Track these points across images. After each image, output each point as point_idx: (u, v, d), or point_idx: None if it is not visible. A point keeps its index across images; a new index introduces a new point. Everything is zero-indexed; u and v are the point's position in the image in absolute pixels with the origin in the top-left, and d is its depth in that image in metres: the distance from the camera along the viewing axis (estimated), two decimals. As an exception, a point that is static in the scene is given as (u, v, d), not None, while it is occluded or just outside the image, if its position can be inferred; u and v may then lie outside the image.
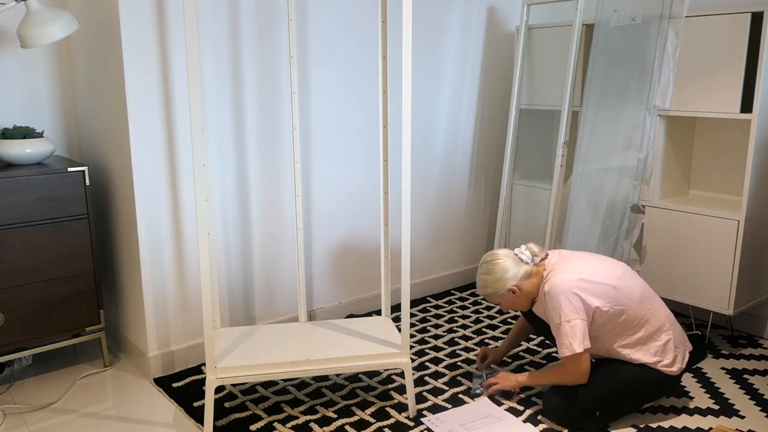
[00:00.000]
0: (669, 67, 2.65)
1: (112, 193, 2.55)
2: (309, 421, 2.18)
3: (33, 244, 2.31)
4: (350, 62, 2.83)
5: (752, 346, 2.80)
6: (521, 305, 2.21)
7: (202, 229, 1.92)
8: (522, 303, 2.20)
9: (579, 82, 3.00)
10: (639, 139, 2.75)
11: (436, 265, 3.43)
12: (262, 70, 2.57)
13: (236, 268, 2.66)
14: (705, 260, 2.64)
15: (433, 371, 2.56)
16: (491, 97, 3.45)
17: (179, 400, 2.32)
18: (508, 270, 2.14)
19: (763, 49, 2.39)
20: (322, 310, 2.97)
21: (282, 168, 2.70)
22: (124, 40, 2.22)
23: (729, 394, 2.38)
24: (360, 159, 2.95)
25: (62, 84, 2.67)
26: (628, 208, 2.82)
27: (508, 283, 2.14)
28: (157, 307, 2.46)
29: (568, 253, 2.21)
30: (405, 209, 2.05)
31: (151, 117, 2.33)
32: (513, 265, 2.15)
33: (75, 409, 2.27)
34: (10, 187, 2.23)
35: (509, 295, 2.17)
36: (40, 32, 2.19)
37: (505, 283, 2.14)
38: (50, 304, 2.38)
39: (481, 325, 3.02)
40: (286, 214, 2.75)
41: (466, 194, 3.47)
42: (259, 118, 2.60)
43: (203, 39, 2.39)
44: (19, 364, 2.59)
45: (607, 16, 2.84)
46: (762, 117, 2.48)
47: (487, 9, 3.32)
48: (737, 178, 2.86)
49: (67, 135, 2.72)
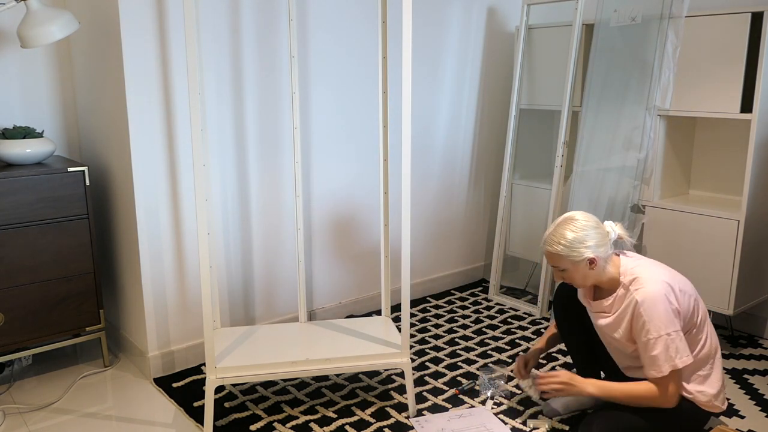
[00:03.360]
0: (669, 67, 2.65)
1: (112, 193, 2.55)
2: (309, 421, 2.18)
3: (33, 244, 2.31)
4: (350, 62, 2.83)
5: (752, 346, 2.80)
6: (586, 282, 1.95)
7: (202, 229, 1.92)
8: (588, 280, 1.95)
9: (579, 82, 3.00)
10: (639, 139, 2.75)
11: (436, 265, 3.43)
12: (262, 70, 2.57)
13: (236, 268, 2.66)
14: (705, 260, 2.64)
15: (433, 371, 2.55)
16: (491, 97, 3.45)
17: (179, 400, 2.32)
18: (595, 237, 1.89)
19: (763, 49, 2.39)
20: (322, 310, 2.97)
21: (282, 168, 2.70)
22: (124, 40, 2.22)
23: (729, 394, 2.38)
24: (360, 159, 2.95)
25: (62, 84, 2.66)
26: (628, 208, 2.82)
27: (591, 252, 1.88)
28: (157, 307, 2.46)
29: (641, 258, 2.00)
30: (405, 209, 2.05)
31: (151, 117, 2.33)
32: (601, 236, 1.90)
33: (75, 409, 2.27)
34: (10, 187, 2.23)
35: (584, 266, 1.90)
36: (40, 32, 2.19)
37: (587, 249, 1.88)
38: (50, 304, 2.38)
39: (481, 325, 3.02)
40: (286, 214, 2.75)
41: (466, 194, 3.47)
42: (260, 118, 2.60)
43: (203, 39, 2.39)
44: (19, 364, 2.59)
45: (607, 16, 2.84)
46: (762, 117, 2.48)
47: (487, 9, 3.32)
48: (737, 178, 2.86)
49: (67, 135, 2.72)
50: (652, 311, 1.84)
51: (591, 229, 1.90)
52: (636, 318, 1.88)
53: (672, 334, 1.83)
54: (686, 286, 1.93)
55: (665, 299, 1.84)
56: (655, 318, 1.84)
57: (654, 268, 1.93)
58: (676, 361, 1.83)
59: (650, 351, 1.85)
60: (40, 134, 2.40)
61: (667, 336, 1.83)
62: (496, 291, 3.38)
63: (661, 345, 1.83)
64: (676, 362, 1.83)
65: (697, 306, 1.93)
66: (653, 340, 1.84)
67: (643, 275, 1.90)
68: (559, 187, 3.06)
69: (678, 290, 1.88)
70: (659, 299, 1.84)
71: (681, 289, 1.89)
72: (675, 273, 1.96)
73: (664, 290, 1.86)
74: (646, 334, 1.85)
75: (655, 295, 1.85)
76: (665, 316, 1.83)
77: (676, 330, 1.84)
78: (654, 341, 1.84)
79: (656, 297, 1.84)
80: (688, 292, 1.92)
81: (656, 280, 1.88)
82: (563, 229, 1.91)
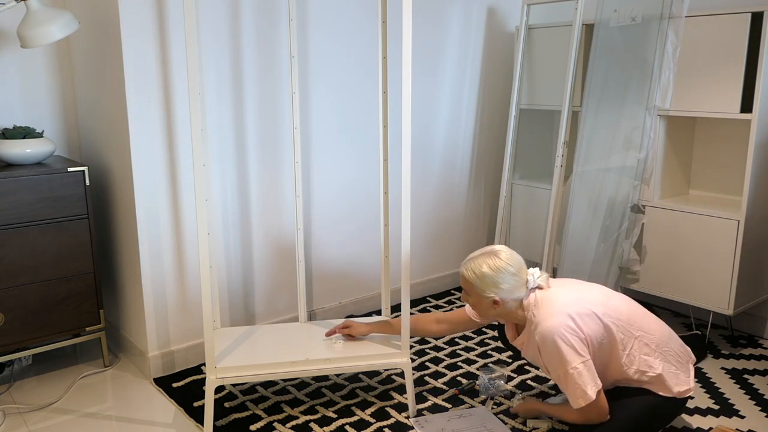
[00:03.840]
0: (669, 67, 2.65)
1: (112, 193, 2.55)
2: (309, 421, 2.18)
3: (33, 244, 2.31)
4: (350, 62, 2.83)
5: (752, 346, 2.80)
6: (486, 315, 2.03)
7: (202, 229, 1.92)
8: (489, 315, 2.02)
9: (579, 82, 3.00)
10: (639, 139, 2.75)
11: (436, 265, 3.43)
12: (262, 70, 2.57)
13: (236, 268, 2.66)
14: (705, 260, 2.64)
15: (433, 371, 2.55)
16: (491, 97, 3.45)
17: (179, 400, 2.32)
18: (509, 282, 1.93)
19: (763, 49, 2.39)
20: (322, 310, 2.97)
21: (282, 168, 2.70)
22: (124, 40, 2.22)
23: (729, 394, 2.38)
24: (360, 159, 2.95)
25: (62, 84, 2.66)
26: (628, 208, 2.82)
27: (498, 294, 1.94)
28: (157, 307, 2.46)
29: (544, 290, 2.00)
30: (405, 209, 2.05)
31: (151, 117, 2.33)
32: (515, 283, 1.94)
33: (75, 409, 2.27)
34: (10, 187, 2.23)
35: (487, 302, 1.96)
36: (40, 32, 2.19)
37: (495, 291, 1.93)
38: (50, 304, 2.38)
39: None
40: (286, 214, 2.75)
41: (466, 194, 3.47)
42: (260, 118, 2.60)
43: (203, 39, 2.39)
44: (19, 364, 2.59)
45: (607, 16, 2.84)
46: (762, 117, 2.48)
47: (487, 9, 3.32)
48: (737, 178, 2.86)
49: (67, 135, 2.72)
50: (552, 348, 1.87)
51: (507, 273, 1.93)
52: (542, 354, 1.93)
53: (578, 367, 1.86)
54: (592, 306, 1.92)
55: (562, 333, 1.86)
56: (555, 355, 1.87)
57: (555, 299, 1.93)
58: (588, 393, 1.86)
59: (563, 385, 1.91)
60: (40, 134, 2.40)
61: (574, 369, 1.86)
62: (496, 291, 3.38)
63: (570, 380, 1.87)
64: (589, 393, 1.86)
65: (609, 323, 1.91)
66: (562, 376, 1.89)
67: (540, 312, 1.92)
68: (559, 187, 3.06)
69: (580, 315, 1.89)
70: (556, 335, 1.86)
71: (583, 313, 1.89)
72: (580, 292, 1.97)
73: (562, 324, 1.87)
74: (554, 371, 1.91)
75: (551, 331, 1.87)
76: (566, 351, 1.85)
77: (582, 361, 1.86)
78: (563, 376, 1.88)
79: (552, 333, 1.86)
80: (593, 312, 1.90)
81: (553, 313, 1.89)
82: (482, 262, 1.95)
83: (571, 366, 1.86)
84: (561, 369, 1.88)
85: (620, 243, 2.84)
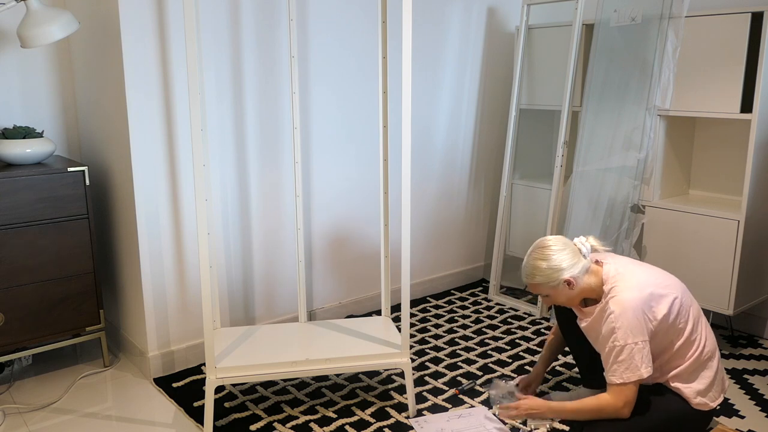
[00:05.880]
0: (669, 67, 2.65)
1: (112, 193, 2.55)
2: (309, 421, 2.18)
3: (33, 244, 2.31)
4: (350, 62, 2.83)
5: (752, 346, 2.80)
6: (572, 301, 2.00)
7: (202, 229, 1.92)
8: (574, 299, 1.98)
9: (579, 82, 3.00)
10: (639, 139, 2.75)
11: (436, 265, 3.43)
12: (262, 70, 2.57)
13: (236, 268, 2.66)
14: (705, 260, 2.64)
15: (433, 371, 2.55)
16: (491, 97, 3.45)
17: (179, 400, 2.32)
18: (565, 259, 1.92)
19: (763, 49, 2.39)
20: (322, 310, 2.97)
21: (282, 168, 2.70)
22: (124, 40, 2.22)
23: (729, 394, 2.38)
24: (360, 159, 2.95)
25: (62, 84, 2.66)
26: (628, 208, 2.82)
27: (565, 274, 1.91)
28: (157, 307, 2.46)
29: (626, 262, 2.00)
30: (405, 209, 2.05)
31: (151, 117, 2.33)
32: (571, 255, 1.93)
33: (75, 409, 2.27)
34: (10, 187, 2.23)
35: (563, 288, 1.94)
36: (40, 32, 2.19)
37: (561, 273, 1.91)
38: (50, 304, 2.38)
39: (481, 325, 3.02)
40: (286, 214, 2.75)
41: (466, 194, 3.47)
42: (260, 118, 2.60)
43: (203, 39, 2.39)
44: (19, 364, 2.59)
45: (607, 16, 2.84)
46: (762, 117, 2.48)
47: (487, 9, 3.32)
48: (737, 178, 2.86)
49: (67, 135, 2.72)
50: (622, 319, 1.85)
51: (560, 252, 1.93)
52: (607, 324, 1.90)
53: (639, 344, 1.84)
54: (667, 289, 1.91)
55: (638, 308, 1.85)
56: (624, 326, 1.85)
57: (634, 274, 1.93)
58: (641, 371, 1.84)
59: (616, 357, 1.87)
60: (40, 134, 2.40)
61: (634, 345, 1.84)
62: (496, 291, 3.38)
63: (626, 353, 1.85)
64: (642, 371, 1.84)
65: (681, 307, 1.91)
66: (619, 348, 1.86)
67: (620, 284, 1.91)
68: (559, 187, 3.06)
69: (656, 295, 1.88)
70: (630, 308, 1.85)
71: (660, 294, 1.89)
72: (658, 274, 1.96)
73: (639, 298, 1.86)
74: (614, 341, 1.87)
75: (628, 303, 1.86)
76: (635, 325, 1.84)
77: (644, 340, 1.85)
78: (620, 349, 1.86)
79: (628, 306, 1.85)
80: (670, 294, 1.90)
81: (632, 287, 1.89)
82: (535, 260, 1.95)
83: (636, 340, 1.84)
84: (622, 341, 1.85)
85: (620, 243, 2.84)
